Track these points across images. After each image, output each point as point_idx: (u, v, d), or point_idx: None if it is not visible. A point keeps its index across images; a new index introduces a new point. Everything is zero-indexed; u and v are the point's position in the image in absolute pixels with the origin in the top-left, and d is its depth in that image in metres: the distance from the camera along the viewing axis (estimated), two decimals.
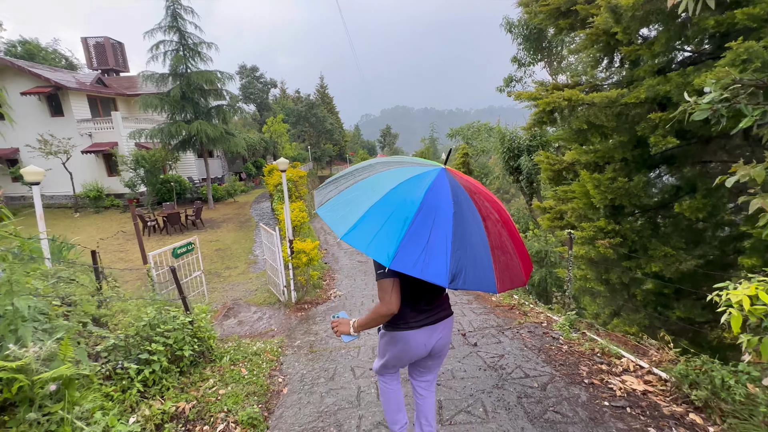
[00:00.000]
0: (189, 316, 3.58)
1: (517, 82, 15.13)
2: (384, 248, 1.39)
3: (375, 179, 1.64)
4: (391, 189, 1.52)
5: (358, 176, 1.71)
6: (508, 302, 5.99)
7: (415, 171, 1.64)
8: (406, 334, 1.79)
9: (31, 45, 24.96)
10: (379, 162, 1.82)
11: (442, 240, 1.45)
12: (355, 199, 1.56)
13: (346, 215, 1.50)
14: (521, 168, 13.25)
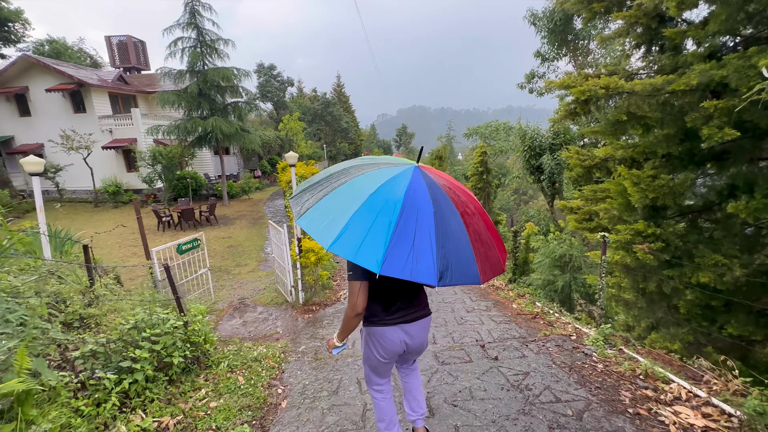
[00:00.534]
0: (182, 318, 3.29)
1: (540, 78, 14.47)
2: (372, 255, 1.38)
3: (353, 184, 1.61)
4: (371, 194, 1.51)
5: (334, 182, 1.67)
6: (530, 310, 5.51)
7: (391, 173, 1.63)
8: (382, 329, 1.88)
9: (58, 44, 25.74)
10: (353, 165, 1.79)
11: (426, 239, 1.46)
12: (336, 206, 1.54)
13: (329, 224, 1.48)
14: (543, 167, 12.64)
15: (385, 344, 1.90)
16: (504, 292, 6.75)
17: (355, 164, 1.79)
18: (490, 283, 7.42)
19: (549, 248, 8.05)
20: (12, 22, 21.31)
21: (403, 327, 1.89)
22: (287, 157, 5.87)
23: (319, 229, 1.50)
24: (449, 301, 6.26)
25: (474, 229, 1.64)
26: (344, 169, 1.77)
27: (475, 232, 1.64)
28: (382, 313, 1.87)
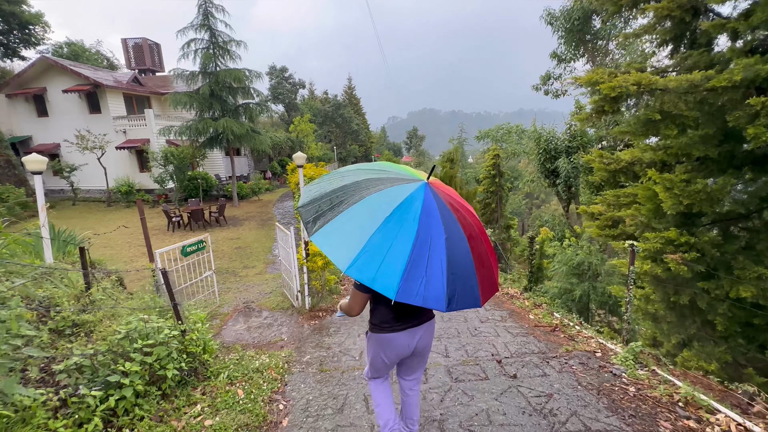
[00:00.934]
0: (180, 326, 3.10)
1: (556, 79, 14.08)
2: (389, 281, 1.42)
3: (368, 203, 1.61)
4: (387, 217, 1.53)
5: (348, 198, 1.66)
6: (549, 322, 5.19)
7: (404, 192, 1.64)
8: (390, 336, 1.95)
9: (76, 46, 26.29)
10: (366, 178, 1.77)
11: (438, 266, 1.51)
12: (351, 227, 1.55)
13: (345, 246, 1.50)
14: (558, 171, 12.23)
15: (394, 349, 2.00)
16: (519, 301, 6.43)
17: (368, 177, 1.78)
18: (504, 291, 7.11)
19: (566, 255, 7.69)
20: (32, 25, 21.81)
21: (409, 332, 1.98)
22: (295, 157, 5.68)
23: (334, 249, 1.52)
24: (461, 310, 5.96)
25: (478, 252, 1.69)
26: (356, 182, 1.75)
27: (479, 255, 1.69)
28: (393, 320, 1.94)
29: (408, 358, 2.11)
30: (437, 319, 5.54)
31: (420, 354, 2.10)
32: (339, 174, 1.91)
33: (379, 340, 2.00)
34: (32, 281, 2.98)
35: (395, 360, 2.06)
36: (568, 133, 12.53)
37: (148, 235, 5.01)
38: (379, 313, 1.97)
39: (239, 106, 17.96)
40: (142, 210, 4.95)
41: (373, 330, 2.03)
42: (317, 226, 1.60)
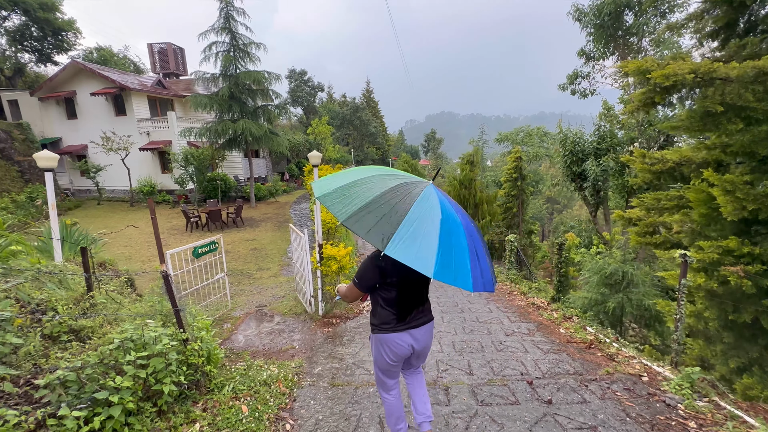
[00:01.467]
0: (181, 335, 2.86)
1: (584, 78, 13.42)
2: (427, 263, 1.56)
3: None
4: (414, 204, 1.72)
5: (372, 188, 1.81)
6: (582, 337, 4.72)
7: (419, 185, 1.88)
8: (392, 336, 2.06)
9: (105, 51, 27.28)
10: (381, 174, 1.98)
11: (461, 250, 1.73)
12: (421, 234, 1.64)
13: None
14: (586, 174, 11.59)
15: (395, 349, 2.08)
16: (547, 312, 5.96)
17: (398, 183, 1.86)
18: (529, 301, 6.64)
19: (597, 264, 7.14)
20: (65, 32, 22.69)
21: (410, 332, 2.08)
22: (310, 156, 5.44)
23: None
24: (485, 321, 5.56)
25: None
26: (374, 176, 1.95)
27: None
28: (395, 321, 2.05)
29: (408, 358, 2.23)
30: (458, 330, 5.16)
31: (420, 354, 2.22)
32: (352, 170, 2.02)
33: (381, 340, 2.10)
34: (30, 282, 2.80)
35: (397, 360, 2.15)
36: (596, 134, 11.88)
37: (159, 235, 4.85)
38: (380, 314, 2.09)
39: (258, 108, 18.06)
40: (153, 210, 4.79)
41: (375, 331, 2.14)
42: (346, 211, 1.68)
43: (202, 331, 3.25)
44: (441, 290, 7.92)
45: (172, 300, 2.85)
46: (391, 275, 1.98)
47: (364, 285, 2.05)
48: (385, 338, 2.07)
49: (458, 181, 15.15)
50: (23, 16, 20.77)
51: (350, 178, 1.91)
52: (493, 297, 7.14)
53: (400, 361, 2.15)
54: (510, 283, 8.41)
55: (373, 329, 2.14)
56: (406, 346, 2.07)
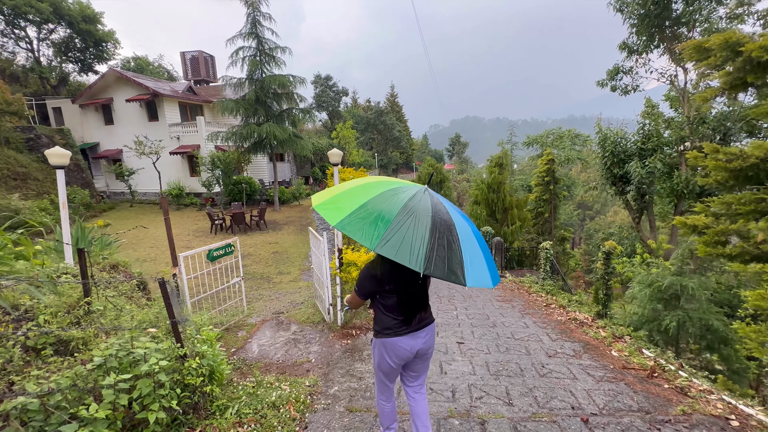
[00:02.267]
0: (178, 350, 2.51)
1: (626, 73, 12.43)
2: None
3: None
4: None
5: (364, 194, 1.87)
6: (641, 363, 4.04)
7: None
8: (395, 340, 2.13)
9: (141, 60, 28.58)
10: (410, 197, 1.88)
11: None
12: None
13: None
14: (629, 176, 10.63)
15: (398, 352, 2.13)
16: (593, 330, 5.27)
17: (408, 195, 1.86)
18: (570, 315, 5.95)
19: (649, 276, 6.34)
20: (105, 42, 23.87)
21: (412, 335, 2.12)
22: (331, 154, 5.08)
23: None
24: (521, 338, 4.95)
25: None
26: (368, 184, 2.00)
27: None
28: (398, 325, 2.10)
29: (411, 362, 2.26)
30: (491, 348, 4.59)
31: (422, 357, 2.24)
32: (357, 188, 1.99)
33: (384, 344, 2.16)
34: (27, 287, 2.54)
35: (400, 363, 2.19)
36: (640, 133, 10.91)
37: (172, 236, 4.62)
38: (381, 320, 2.17)
39: (283, 112, 18.13)
40: (167, 210, 4.58)
41: (377, 335, 2.20)
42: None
43: (205, 344, 2.89)
44: (470, 300, 7.34)
45: (169, 310, 2.51)
46: (388, 283, 2.05)
47: (363, 293, 2.17)
48: (387, 342, 2.14)
49: (486, 185, 14.45)
50: (68, 29, 21.99)
51: (358, 199, 1.85)
52: (528, 310, 6.49)
53: (402, 363, 2.21)
54: (546, 295, 7.69)
55: (376, 334, 2.21)
56: (408, 349, 2.13)
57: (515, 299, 7.42)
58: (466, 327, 5.50)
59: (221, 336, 5.33)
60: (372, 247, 1.61)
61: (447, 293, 8.09)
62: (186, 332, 2.99)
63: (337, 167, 5.24)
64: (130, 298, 4.11)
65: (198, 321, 3.50)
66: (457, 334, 5.14)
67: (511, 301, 7.21)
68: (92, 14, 22.37)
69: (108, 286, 3.32)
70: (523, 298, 7.46)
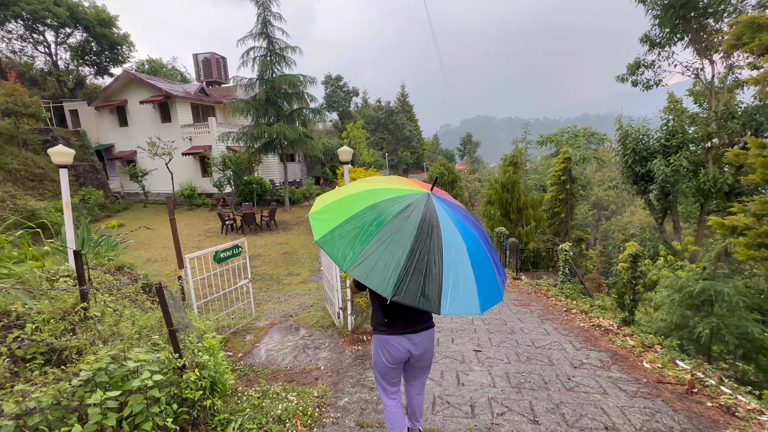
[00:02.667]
0: (176, 361, 2.32)
1: (647, 67, 11.91)
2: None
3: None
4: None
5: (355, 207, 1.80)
6: (677, 376, 3.70)
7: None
8: (388, 337, 2.12)
9: (155, 63, 29.00)
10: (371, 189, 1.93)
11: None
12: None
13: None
14: (653, 175, 10.15)
15: (391, 350, 2.13)
16: (619, 338, 4.93)
17: (398, 209, 1.77)
18: (594, 322, 5.61)
19: (678, 280, 5.95)
20: (120, 45, 24.25)
21: (407, 337, 2.11)
22: (340, 152, 4.87)
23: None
24: (542, 346, 4.65)
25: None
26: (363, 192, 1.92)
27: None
28: (386, 324, 2.11)
29: (409, 365, 2.24)
30: (511, 357, 4.31)
31: (420, 360, 2.21)
32: (349, 198, 1.92)
33: (379, 340, 2.16)
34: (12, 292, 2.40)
35: (394, 363, 2.17)
36: (664, 129, 10.41)
37: (178, 237, 4.48)
38: (375, 315, 2.18)
39: (293, 112, 18.07)
40: (172, 210, 4.44)
41: (374, 331, 2.20)
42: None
43: (207, 354, 2.70)
44: None
45: (167, 317, 2.32)
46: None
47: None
48: (382, 339, 2.14)
49: (500, 184, 14.07)
50: (84, 32, 22.40)
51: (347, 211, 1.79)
52: (547, 315, 6.16)
53: (397, 364, 2.18)
54: (566, 299, 7.35)
55: (373, 330, 2.21)
56: (403, 350, 2.11)
57: (533, 303, 7.09)
58: (483, 333, 5.22)
59: (228, 339, 5.18)
60: (344, 269, 1.59)
61: None
62: (188, 339, 2.81)
63: (347, 166, 5.03)
64: (134, 301, 3.97)
65: (201, 327, 3.33)
66: (473, 341, 4.87)
67: (528, 306, 6.89)
68: (107, 18, 22.75)
69: (106, 290, 3.16)
70: (542, 302, 7.13)
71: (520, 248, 12.10)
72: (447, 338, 5.02)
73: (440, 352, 4.51)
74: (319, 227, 1.75)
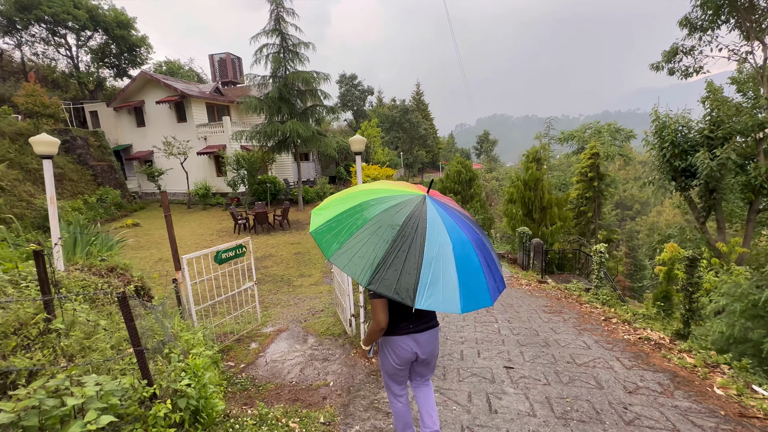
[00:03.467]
0: (144, 389, 1.85)
1: (686, 54, 10.94)
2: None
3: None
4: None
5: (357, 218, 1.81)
6: (761, 406, 3.01)
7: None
8: (394, 338, 2.12)
9: (173, 64, 29.33)
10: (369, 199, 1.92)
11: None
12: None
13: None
14: (695, 170, 9.24)
15: (398, 351, 2.13)
16: (674, 354, 4.23)
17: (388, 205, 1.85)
18: (641, 335, 4.90)
19: (739, 288, 5.17)
20: (138, 47, 24.54)
21: (413, 336, 2.11)
22: (352, 141, 4.36)
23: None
24: (584, 363, 4.00)
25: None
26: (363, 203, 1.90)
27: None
28: (397, 324, 2.08)
29: (416, 364, 2.26)
30: (550, 378, 3.70)
31: (427, 361, 2.23)
32: (347, 196, 2.00)
33: (387, 342, 2.17)
34: None
35: (403, 365, 2.18)
36: (707, 119, 9.48)
37: (174, 235, 4.06)
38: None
39: (307, 109, 17.75)
40: (167, 206, 4.03)
41: (384, 336, 2.16)
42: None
43: (190, 376, 2.22)
44: (511, 311, 6.41)
45: (133, 334, 1.86)
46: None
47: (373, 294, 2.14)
48: (389, 340, 2.14)
49: (522, 182, 13.30)
50: (104, 35, 22.73)
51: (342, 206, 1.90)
52: (584, 325, 5.49)
53: (404, 365, 2.19)
54: (602, 306, 6.63)
55: (384, 335, 2.17)
56: (409, 351, 2.12)
57: (565, 310, 6.41)
58: (513, 345, 4.62)
59: (231, 347, 4.75)
60: (328, 257, 1.69)
61: None
62: (173, 353, 2.35)
63: (359, 157, 4.51)
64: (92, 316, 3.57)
65: (190, 339, 2.87)
66: (503, 356, 4.27)
67: (560, 313, 6.22)
68: (126, 20, 23.04)
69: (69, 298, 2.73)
70: (575, 310, 6.44)
71: (545, 249, 11.33)
72: (472, 351, 4.44)
73: (466, 368, 3.94)
74: (315, 221, 1.86)
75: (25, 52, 22.17)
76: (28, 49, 22.07)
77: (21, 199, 13.56)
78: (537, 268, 10.98)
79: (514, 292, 8.13)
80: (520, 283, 9.16)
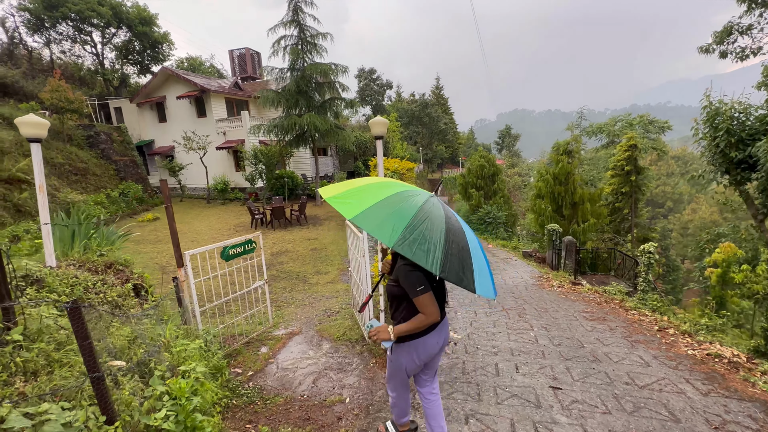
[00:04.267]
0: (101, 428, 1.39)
1: (742, 33, 9.81)
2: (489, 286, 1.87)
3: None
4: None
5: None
6: None
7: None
8: (424, 338, 2.08)
9: (194, 61, 29.62)
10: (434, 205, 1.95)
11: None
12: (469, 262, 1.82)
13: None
14: (754, 161, 8.22)
15: (428, 349, 2.12)
16: (757, 377, 3.51)
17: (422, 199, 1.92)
18: (710, 350, 4.18)
19: None
20: (161, 44, 24.80)
21: (437, 331, 2.12)
22: (372, 123, 3.85)
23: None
24: (647, 385, 3.35)
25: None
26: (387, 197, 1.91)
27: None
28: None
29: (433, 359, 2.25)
30: (609, 403, 3.07)
31: (441, 351, 2.22)
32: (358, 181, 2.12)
33: (414, 345, 2.09)
34: None
35: (426, 360, 2.17)
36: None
37: (175, 229, 3.67)
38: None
39: (325, 102, 17.37)
40: (168, 197, 3.64)
41: (407, 339, 2.08)
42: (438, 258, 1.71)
43: (169, 405, 1.76)
44: (546, 316, 5.76)
45: (87, 356, 1.40)
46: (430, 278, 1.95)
47: (427, 283, 1.94)
48: (418, 343, 2.09)
49: (552, 176, 12.43)
50: (128, 32, 23.06)
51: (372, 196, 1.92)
52: (635, 335, 4.78)
53: (428, 359, 2.17)
54: (653, 314, 5.88)
55: (406, 338, 2.07)
56: (434, 344, 2.13)
57: (609, 317, 5.70)
58: (555, 359, 4.00)
59: (240, 351, 4.35)
60: (390, 244, 1.67)
61: (514, 304, 6.57)
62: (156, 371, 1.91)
63: (380, 141, 3.98)
64: (118, 307, 3.19)
65: (182, 350, 2.43)
66: (545, 372, 3.67)
67: (604, 320, 5.52)
68: (148, 16, 23.28)
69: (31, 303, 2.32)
70: (620, 317, 5.72)
71: (577, 248, 10.50)
72: (509, 365, 3.85)
73: (503, 387, 3.37)
74: (348, 208, 1.85)
75: (54, 50, 22.76)
76: (56, 47, 22.65)
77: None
78: (569, 268, 10.19)
79: (546, 295, 7.44)
80: (551, 285, 8.43)
